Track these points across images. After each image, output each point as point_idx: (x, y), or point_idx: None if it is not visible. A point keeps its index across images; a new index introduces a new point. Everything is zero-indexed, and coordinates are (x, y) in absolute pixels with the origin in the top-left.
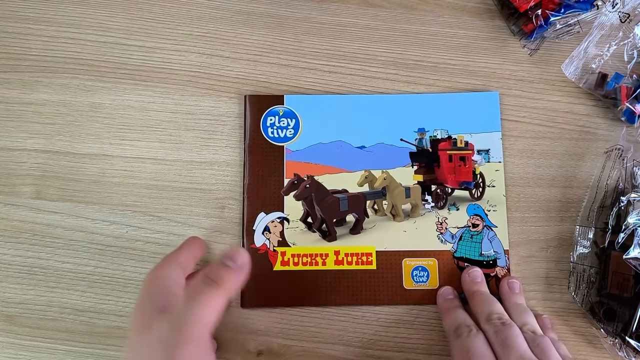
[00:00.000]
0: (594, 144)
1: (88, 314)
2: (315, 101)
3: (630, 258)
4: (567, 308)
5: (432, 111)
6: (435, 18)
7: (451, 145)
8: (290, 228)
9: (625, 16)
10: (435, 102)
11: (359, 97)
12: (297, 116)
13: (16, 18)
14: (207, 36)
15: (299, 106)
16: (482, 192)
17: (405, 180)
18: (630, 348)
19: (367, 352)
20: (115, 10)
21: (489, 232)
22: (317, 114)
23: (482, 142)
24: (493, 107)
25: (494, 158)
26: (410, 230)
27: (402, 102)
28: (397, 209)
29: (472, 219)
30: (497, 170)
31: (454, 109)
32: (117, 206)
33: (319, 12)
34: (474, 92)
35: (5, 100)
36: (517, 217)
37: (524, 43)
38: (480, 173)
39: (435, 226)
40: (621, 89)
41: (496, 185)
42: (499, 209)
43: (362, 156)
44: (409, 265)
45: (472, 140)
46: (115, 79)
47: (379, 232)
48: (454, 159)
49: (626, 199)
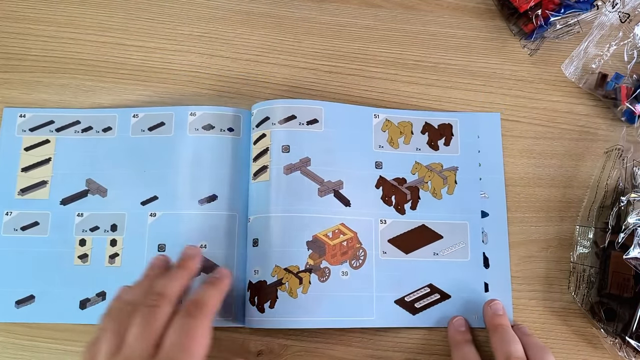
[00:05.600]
0: (594, 144)
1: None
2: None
3: (630, 258)
4: (567, 308)
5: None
6: (435, 18)
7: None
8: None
9: (625, 16)
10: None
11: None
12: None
13: (16, 18)
14: (207, 36)
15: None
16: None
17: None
18: (630, 348)
19: (367, 352)
20: (114, 11)
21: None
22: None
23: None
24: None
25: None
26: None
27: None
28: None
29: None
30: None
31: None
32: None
33: (318, 12)
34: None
35: (5, 100)
36: (517, 217)
37: (524, 43)
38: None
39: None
40: (621, 89)
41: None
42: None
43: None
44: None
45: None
46: (115, 79)
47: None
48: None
49: (626, 199)
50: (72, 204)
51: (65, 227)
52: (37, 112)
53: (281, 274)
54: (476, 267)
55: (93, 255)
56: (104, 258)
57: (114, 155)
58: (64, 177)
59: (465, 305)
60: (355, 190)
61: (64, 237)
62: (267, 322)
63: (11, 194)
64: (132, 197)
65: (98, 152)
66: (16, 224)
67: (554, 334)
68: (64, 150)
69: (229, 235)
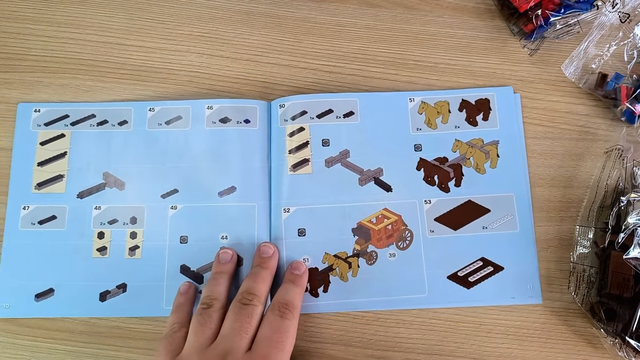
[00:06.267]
0: (594, 144)
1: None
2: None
3: (630, 258)
4: (567, 308)
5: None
6: (435, 18)
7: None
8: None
9: (625, 16)
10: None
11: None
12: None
13: (16, 18)
14: (207, 36)
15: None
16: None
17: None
18: (630, 348)
19: (367, 352)
20: (114, 10)
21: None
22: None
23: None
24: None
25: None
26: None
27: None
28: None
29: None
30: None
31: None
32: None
33: (318, 12)
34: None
35: (5, 100)
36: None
37: (524, 43)
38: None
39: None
40: (621, 89)
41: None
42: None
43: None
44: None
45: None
46: (115, 79)
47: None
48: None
49: (626, 199)
50: (89, 197)
51: (82, 220)
52: (52, 107)
53: (331, 260)
54: (526, 238)
55: (112, 248)
56: (123, 250)
57: (131, 149)
58: (80, 171)
59: (519, 275)
60: (396, 175)
61: (82, 230)
62: (322, 307)
63: (28, 189)
64: (152, 190)
65: (114, 145)
66: (33, 218)
67: (554, 334)
68: (79, 144)
69: (249, 226)
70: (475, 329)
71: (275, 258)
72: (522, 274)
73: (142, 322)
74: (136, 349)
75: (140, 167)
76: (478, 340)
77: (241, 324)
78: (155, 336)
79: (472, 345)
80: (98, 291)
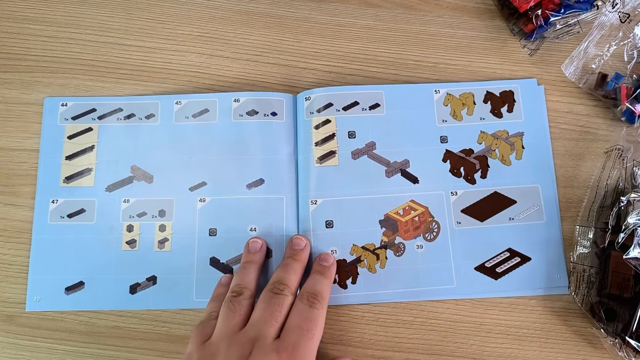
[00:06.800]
0: (594, 144)
1: (88, 314)
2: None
3: (630, 258)
4: (567, 308)
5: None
6: (435, 18)
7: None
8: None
9: (625, 16)
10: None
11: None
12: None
13: (16, 18)
14: (207, 36)
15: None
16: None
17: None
18: (630, 348)
19: (367, 352)
20: (114, 10)
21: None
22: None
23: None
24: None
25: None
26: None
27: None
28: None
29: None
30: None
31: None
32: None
33: (318, 12)
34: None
35: (5, 100)
36: None
37: (524, 43)
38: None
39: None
40: (621, 89)
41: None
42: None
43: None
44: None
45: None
46: (115, 79)
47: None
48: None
49: (626, 199)
50: (117, 190)
51: (111, 213)
52: (79, 101)
53: (359, 252)
54: (552, 228)
55: (141, 241)
56: (152, 243)
57: (158, 142)
58: (109, 164)
59: (546, 266)
60: (422, 167)
61: (111, 223)
62: (351, 298)
63: (56, 182)
64: (180, 183)
65: (141, 139)
66: (62, 212)
67: (554, 334)
68: (107, 137)
69: (277, 218)
70: (475, 329)
71: (307, 251)
72: (549, 265)
73: (141, 322)
74: (136, 349)
75: (167, 160)
76: (478, 340)
77: (271, 312)
78: (155, 336)
79: (472, 345)
80: (128, 284)
